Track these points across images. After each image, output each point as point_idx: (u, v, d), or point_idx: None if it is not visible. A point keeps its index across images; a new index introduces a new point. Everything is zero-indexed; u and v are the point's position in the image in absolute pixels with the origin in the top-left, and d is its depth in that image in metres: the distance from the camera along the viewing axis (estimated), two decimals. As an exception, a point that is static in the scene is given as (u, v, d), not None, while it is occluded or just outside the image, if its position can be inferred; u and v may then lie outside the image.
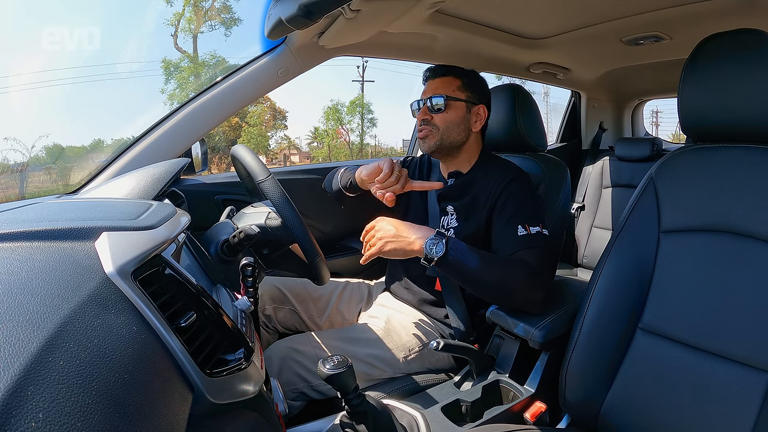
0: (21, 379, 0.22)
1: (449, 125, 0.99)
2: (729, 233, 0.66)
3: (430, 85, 1.03)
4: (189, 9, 15.66)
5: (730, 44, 0.68)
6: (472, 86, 1.02)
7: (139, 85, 23.22)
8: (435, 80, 1.02)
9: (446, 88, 1.00)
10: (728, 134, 0.71)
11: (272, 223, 0.79)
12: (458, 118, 1.00)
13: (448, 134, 1.00)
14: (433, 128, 0.99)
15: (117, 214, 0.42)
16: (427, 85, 1.04)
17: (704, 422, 0.62)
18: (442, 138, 0.99)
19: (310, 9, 0.70)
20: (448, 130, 0.99)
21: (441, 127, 0.99)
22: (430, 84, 1.03)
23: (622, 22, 1.21)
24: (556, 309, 0.85)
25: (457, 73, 1.02)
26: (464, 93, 1.01)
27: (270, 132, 18.84)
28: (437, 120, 0.99)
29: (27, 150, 14.71)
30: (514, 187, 0.94)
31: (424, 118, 1.00)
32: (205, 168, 1.16)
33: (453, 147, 1.01)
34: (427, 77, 1.04)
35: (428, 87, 1.03)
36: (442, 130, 0.99)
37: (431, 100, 0.99)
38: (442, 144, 1.00)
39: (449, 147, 1.01)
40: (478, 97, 1.03)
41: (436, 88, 1.01)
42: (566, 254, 2.00)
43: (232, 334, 0.43)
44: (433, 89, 1.01)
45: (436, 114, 0.99)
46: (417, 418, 0.62)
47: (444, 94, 0.99)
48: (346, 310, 1.12)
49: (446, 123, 0.99)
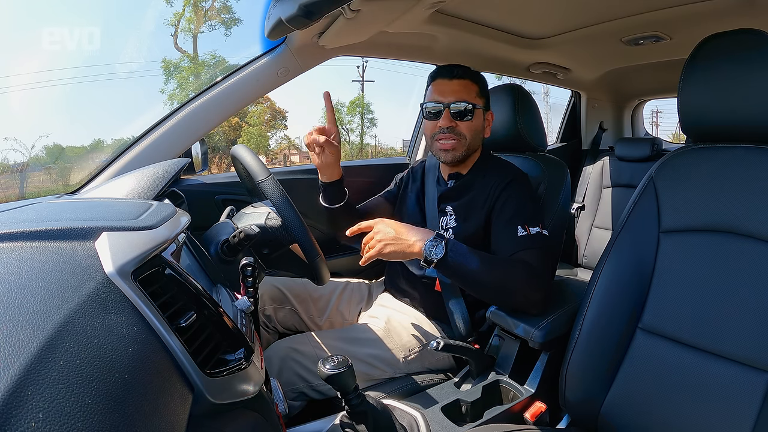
0: (21, 379, 0.22)
1: (474, 134, 0.97)
2: (729, 233, 0.66)
3: (448, 87, 0.95)
4: (189, 9, 15.67)
5: (730, 44, 0.68)
6: (484, 92, 1.00)
7: (139, 85, 23.25)
8: (453, 82, 0.95)
9: (468, 94, 0.95)
10: (728, 134, 0.71)
11: (272, 223, 0.79)
12: (480, 126, 0.98)
13: (473, 144, 0.97)
14: (460, 138, 0.95)
15: (117, 214, 0.42)
16: (442, 85, 0.96)
17: (704, 422, 0.62)
18: (468, 148, 0.97)
19: (310, 9, 0.70)
20: (474, 140, 0.97)
21: (468, 136, 0.95)
22: (447, 85, 0.95)
23: (622, 22, 1.21)
24: (556, 309, 0.85)
25: (474, 78, 0.98)
26: (481, 99, 0.98)
27: (270, 132, 18.85)
28: (464, 128, 0.95)
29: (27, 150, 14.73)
30: (513, 187, 0.94)
31: (449, 125, 0.94)
32: (205, 168, 1.16)
33: (470, 155, 1.00)
34: (438, 75, 0.97)
35: (444, 88, 0.95)
36: (470, 139, 0.96)
37: (455, 105, 0.93)
38: (467, 154, 0.97)
39: (468, 156, 0.99)
40: (488, 102, 1.02)
41: (458, 93, 0.94)
42: (566, 254, 2.00)
43: (232, 334, 0.43)
44: (455, 93, 0.94)
45: (463, 122, 0.94)
46: (417, 418, 0.62)
47: (468, 99, 0.94)
48: (346, 310, 1.12)
49: (473, 132, 0.96)
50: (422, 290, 1.03)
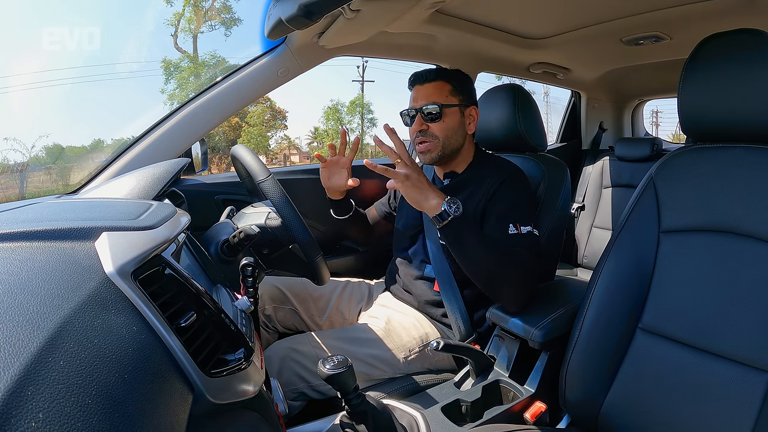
0: (21, 379, 0.22)
1: (448, 133, 0.97)
2: (729, 233, 0.66)
3: (420, 92, 0.98)
4: (189, 9, 15.67)
5: (730, 44, 0.68)
6: (462, 88, 1.00)
7: (139, 85, 23.26)
8: (424, 86, 0.98)
9: (439, 95, 0.96)
10: (728, 134, 0.71)
11: (272, 223, 0.79)
12: (455, 124, 0.98)
13: (448, 143, 0.98)
14: (433, 139, 0.97)
15: (117, 214, 0.42)
16: (416, 91, 0.99)
17: (704, 422, 0.62)
18: (444, 148, 0.98)
19: (310, 9, 0.70)
20: (448, 139, 0.97)
21: (441, 136, 0.97)
22: (420, 90, 0.98)
23: (622, 22, 1.21)
24: (556, 309, 0.85)
25: (446, 77, 0.98)
26: (457, 97, 0.98)
27: (270, 132, 18.85)
28: (435, 130, 0.96)
29: (27, 150, 14.73)
30: (508, 185, 0.94)
31: (420, 129, 0.97)
32: (205, 168, 1.16)
33: (453, 153, 1.00)
34: (413, 82, 1.00)
35: (417, 94, 0.98)
36: (443, 139, 0.97)
37: (424, 109, 0.95)
38: (443, 154, 0.98)
39: (450, 154, 1.00)
40: (469, 98, 1.02)
41: (428, 95, 0.96)
42: (566, 254, 2.00)
43: (232, 334, 0.43)
44: (425, 96, 0.97)
45: (433, 123, 0.96)
46: (417, 418, 0.62)
47: (437, 101, 0.95)
48: (346, 310, 1.12)
49: (445, 132, 0.97)
50: (422, 290, 1.03)
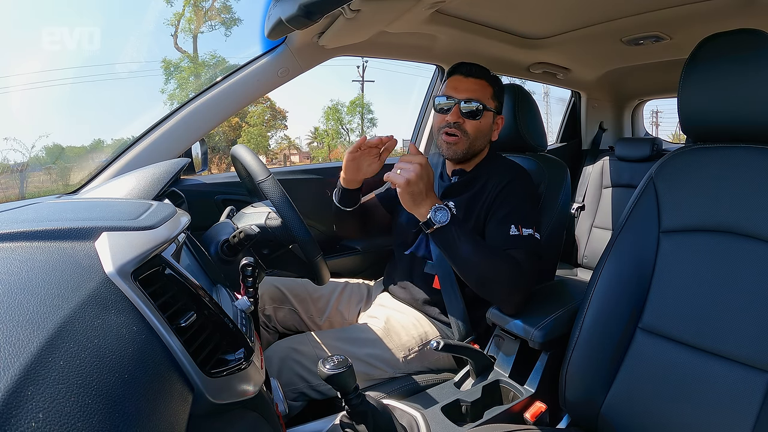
0: (21, 379, 0.22)
1: (479, 134, 0.97)
2: (729, 233, 0.66)
3: (463, 84, 0.95)
4: (189, 9, 15.66)
5: (730, 44, 0.68)
6: (499, 95, 1.00)
7: (139, 85, 23.21)
8: (468, 80, 0.96)
9: (482, 94, 0.95)
10: (728, 134, 0.71)
11: (272, 223, 0.79)
12: (487, 127, 0.98)
13: (475, 143, 0.97)
14: (464, 135, 0.95)
15: (117, 214, 0.42)
16: (457, 81, 0.96)
17: (704, 422, 0.62)
18: (470, 147, 0.97)
19: (310, 9, 0.70)
20: (476, 140, 0.97)
21: (471, 135, 0.95)
22: (462, 82, 0.95)
23: (622, 22, 1.21)
24: (556, 309, 0.85)
25: (491, 80, 0.98)
26: (494, 102, 0.98)
27: (270, 132, 18.84)
28: (469, 127, 0.95)
29: (27, 150, 14.70)
30: (513, 187, 0.94)
31: (456, 120, 0.94)
32: (205, 168, 1.16)
33: (474, 155, 1.00)
34: (456, 70, 0.97)
35: (460, 84, 0.95)
36: (472, 138, 0.96)
37: (466, 103, 0.93)
38: (468, 153, 0.97)
39: (472, 155, 0.99)
40: (502, 106, 1.02)
41: (472, 91, 0.94)
42: (566, 254, 2.00)
43: (232, 334, 0.43)
44: (469, 91, 0.94)
45: (470, 120, 0.94)
46: (417, 418, 0.62)
47: (480, 99, 0.94)
48: (346, 310, 1.12)
49: (477, 132, 0.96)
50: (422, 290, 1.03)
